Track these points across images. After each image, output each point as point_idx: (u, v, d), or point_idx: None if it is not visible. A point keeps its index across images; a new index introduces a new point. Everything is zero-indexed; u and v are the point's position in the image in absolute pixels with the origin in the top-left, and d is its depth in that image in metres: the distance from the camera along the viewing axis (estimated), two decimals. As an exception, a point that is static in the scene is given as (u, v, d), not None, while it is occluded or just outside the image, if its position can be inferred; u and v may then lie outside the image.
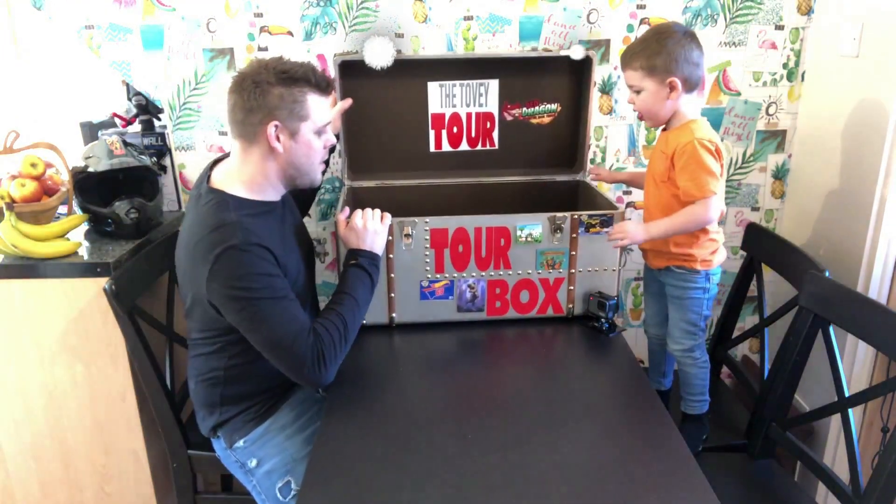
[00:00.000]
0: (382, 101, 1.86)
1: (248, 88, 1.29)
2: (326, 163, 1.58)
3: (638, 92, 1.48)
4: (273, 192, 1.40)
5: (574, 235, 1.58)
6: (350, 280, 1.42)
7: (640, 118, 1.54)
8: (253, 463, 1.43)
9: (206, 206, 1.33)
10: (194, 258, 1.29)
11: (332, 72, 1.83)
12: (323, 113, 1.35)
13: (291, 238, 1.45)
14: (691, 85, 1.46)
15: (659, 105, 1.46)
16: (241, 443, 1.44)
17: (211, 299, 1.28)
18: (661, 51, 1.42)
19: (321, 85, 1.33)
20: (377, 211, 1.50)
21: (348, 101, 1.73)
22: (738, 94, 2.02)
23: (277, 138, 1.31)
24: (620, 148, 2.06)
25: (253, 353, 1.33)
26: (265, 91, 1.28)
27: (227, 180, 1.37)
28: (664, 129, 1.53)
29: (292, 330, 1.27)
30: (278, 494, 1.40)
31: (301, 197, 1.66)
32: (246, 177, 1.36)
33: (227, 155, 1.44)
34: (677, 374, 1.73)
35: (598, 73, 1.96)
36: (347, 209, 1.54)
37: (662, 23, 1.80)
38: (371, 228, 1.47)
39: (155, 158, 2.00)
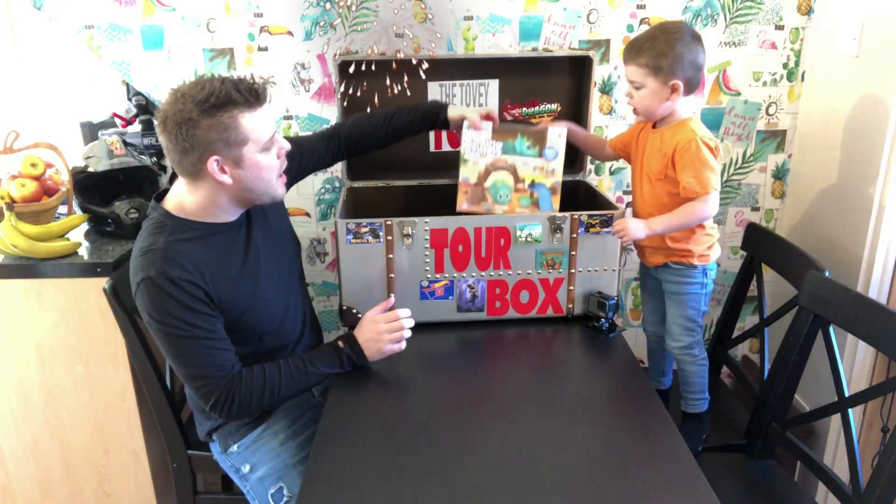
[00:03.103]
0: (382, 101, 1.85)
1: (173, 130, 1.19)
2: (298, 172, 1.54)
3: (638, 88, 1.47)
4: (226, 215, 1.34)
5: (574, 235, 1.58)
6: (321, 364, 1.38)
7: (635, 112, 1.53)
8: (246, 468, 1.43)
9: (146, 223, 1.32)
10: (130, 276, 1.30)
11: (332, 72, 1.83)
12: (262, 128, 1.24)
13: (249, 256, 1.37)
14: (691, 87, 1.46)
15: (657, 104, 1.47)
16: (234, 448, 1.44)
17: None
18: (669, 52, 1.41)
19: (249, 100, 1.21)
20: (407, 333, 1.42)
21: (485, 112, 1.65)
22: (738, 94, 2.02)
23: (222, 170, 1.23)
24: (620, 148, 2.06)
25: (241, 361, 1.34)
26: (192, 127, 1.18)
27: (176, 199, 1.32)
28: (653, 126, 1.53)
29: (202, 371, 1.28)
30: (270, 500, 1.40)
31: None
32: (194, 205, 1.30)
33: None
34: (676, 374, 1.73)
35: (598, 73, 1.96)
36: (392, 298, 1.53)
37: (670, 21, 1.78)
38: (385, 339, 1.40)
39: (155, 158, 2.00)
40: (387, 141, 1.64)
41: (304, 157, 1.55)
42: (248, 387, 1.30)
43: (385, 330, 1.41)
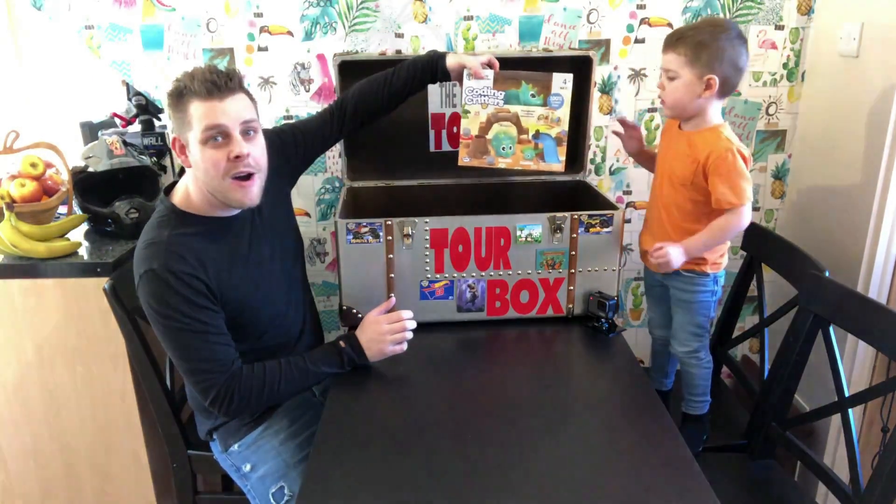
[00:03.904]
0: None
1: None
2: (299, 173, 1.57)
3: (672, 79, 1.41)
4: (222, 210, 1.34)
5: (574, 235, 1.58)
6: (321, 363, 1.39)
7: (663, 104, 1.47)
8: (247, 468, 1.43)
9: (153, 216, 1.34)
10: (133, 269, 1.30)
11: (332, 72, 1.83)
12: (205, 118, 1.23)
13: (252, 253, 1.39)
14: (727, 89, 1.40)
15: (689, 99, 1.40)
16: (235, 447, 1.44)
17: None
18: (711, 44, 1.35)
19: (198, 89, 1.23)
20: (409, 334, 1.44)
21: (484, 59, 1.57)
22: (738, 94, 2.01)
23: (181, 151, 1.29)
24: (620, 148, 2.05)
25: (241, 358, 1.34)
26: (167, 109, 1.28)
27: (182, 192, 1.35)
28: (679, 126, 1.49)
29: (202, 365, 1.28)
30: (271, 500, 1.40)
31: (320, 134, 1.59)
32: (192, 192, 1.33)
33: None
34: (678, 375, 1.73)
35: (598, 73, 1.96)
36: (393, 299, 1.55)
37: (719, 17, 1.75)
38: (387, 340, 1.41)
39: (155, 158, 2.00)
40: (391, 104, 1.60)
41: (307, 142, 1.55)
42: (247, 383, 1.31)
43: (387, 331, 1.41)
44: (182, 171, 1.39)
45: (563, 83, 1.60)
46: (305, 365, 1.37)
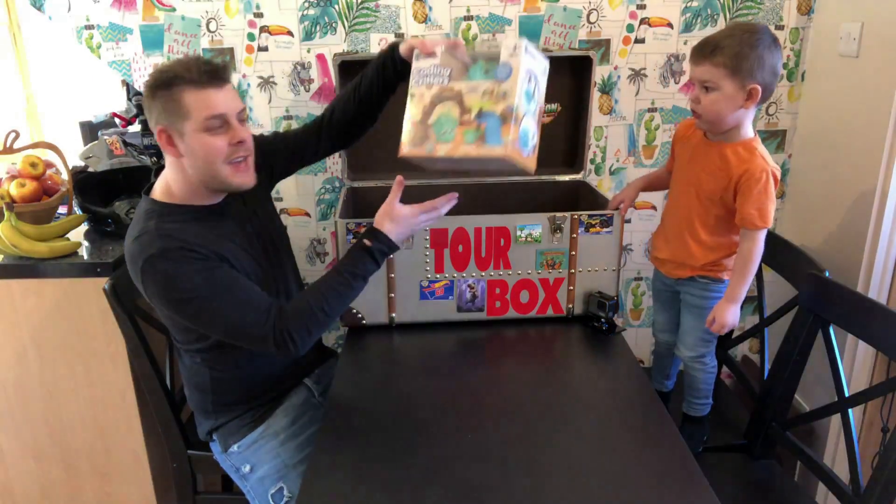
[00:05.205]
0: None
1: (144, 102, 1.28)
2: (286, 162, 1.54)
3: (710, 90, 1.34)
4: (206, 198, 1.34)
5: (574, 235, 1.58)
6: (356, 262, 1.34)
7: (697, 117, 1.41)
8: (247, 468, 1.43)
9: (137, 213, 1.34)
10: (129, 269, 1.29)
11: (333, 72, 1.83)
12: (206, 107, 1.23)
13: (238, 244, 1.37)
14: (765, 97, 1.35)
15: (729, 111, 1.34)
16: (235, 448, 1.44)
17: (159, 309, 1.30)
18: (751, 53, 1.29)
19: (195, 79, 1.22)
20: (442, 207, 1.39)
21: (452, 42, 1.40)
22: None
23: (170, 143, 1.26)
24: (620, 148, 2.06)
25: (235, 362, 1.34)
26: (150, 100, 1.26)
27: (162, 187, 1.34)
28: (706, 136, 1.46)
29: (245, 318, 1.25)
30: (271, 501, 1.40)
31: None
32: (173, 185, 1.32)
33: None
34: (679, 376, 1.73)
35: (598, 73, 1.96)
36: (401, 179, 1.41)
37: (749, 21, 1.70)
38: (421, 225, 1.39)
39: (155, 158, 2.00)
40: (363, 108, 1.50)
41: (288, 150, 1.54)
42: (297, 316, 1.27)
43: (423, 220, 1.39)
44: (158, 171, 1.37)
45: (512, 49, 1.25)
46: (342, 276, 1.33)
